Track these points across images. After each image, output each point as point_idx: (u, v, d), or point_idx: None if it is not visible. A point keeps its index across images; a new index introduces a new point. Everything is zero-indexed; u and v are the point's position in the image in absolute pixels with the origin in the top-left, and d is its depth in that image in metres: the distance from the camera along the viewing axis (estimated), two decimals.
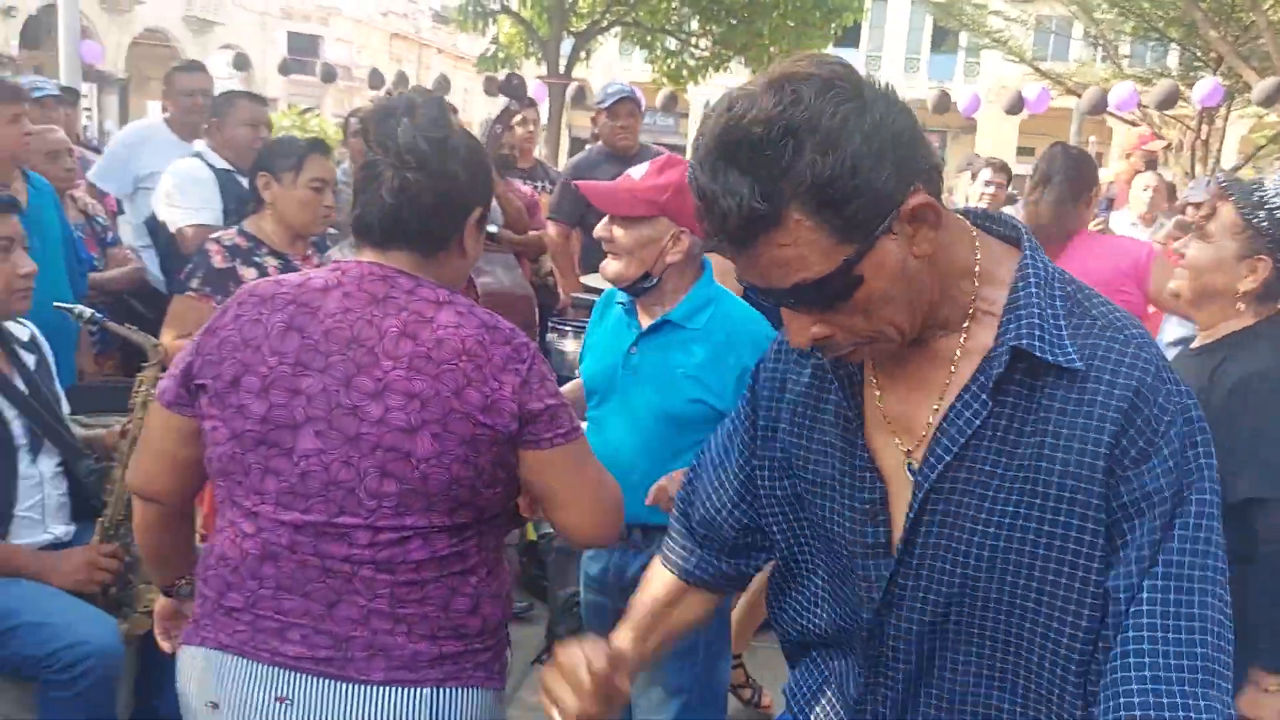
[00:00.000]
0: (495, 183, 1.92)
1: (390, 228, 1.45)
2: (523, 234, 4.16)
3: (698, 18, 16.13)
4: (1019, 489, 1.05)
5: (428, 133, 1.44)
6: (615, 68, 25.97)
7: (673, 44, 16.80)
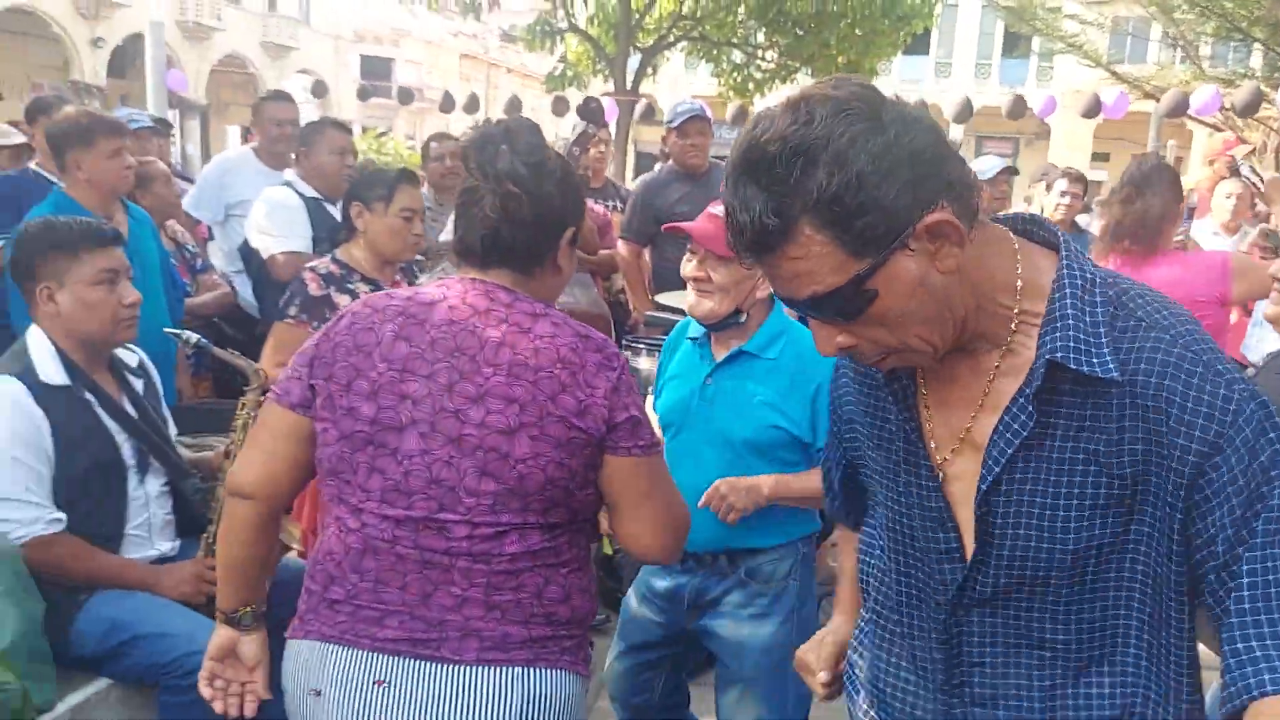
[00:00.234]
0: None
1: (490, 247, 1.55)
2: (595, 253, 4.24)
3: (764, 30, 16.07)
4: (1079, 494, 1.07)
5: (525, 157, 1.54)
6: (680, 82, 26.06)
7: (738, 57, 16.76)
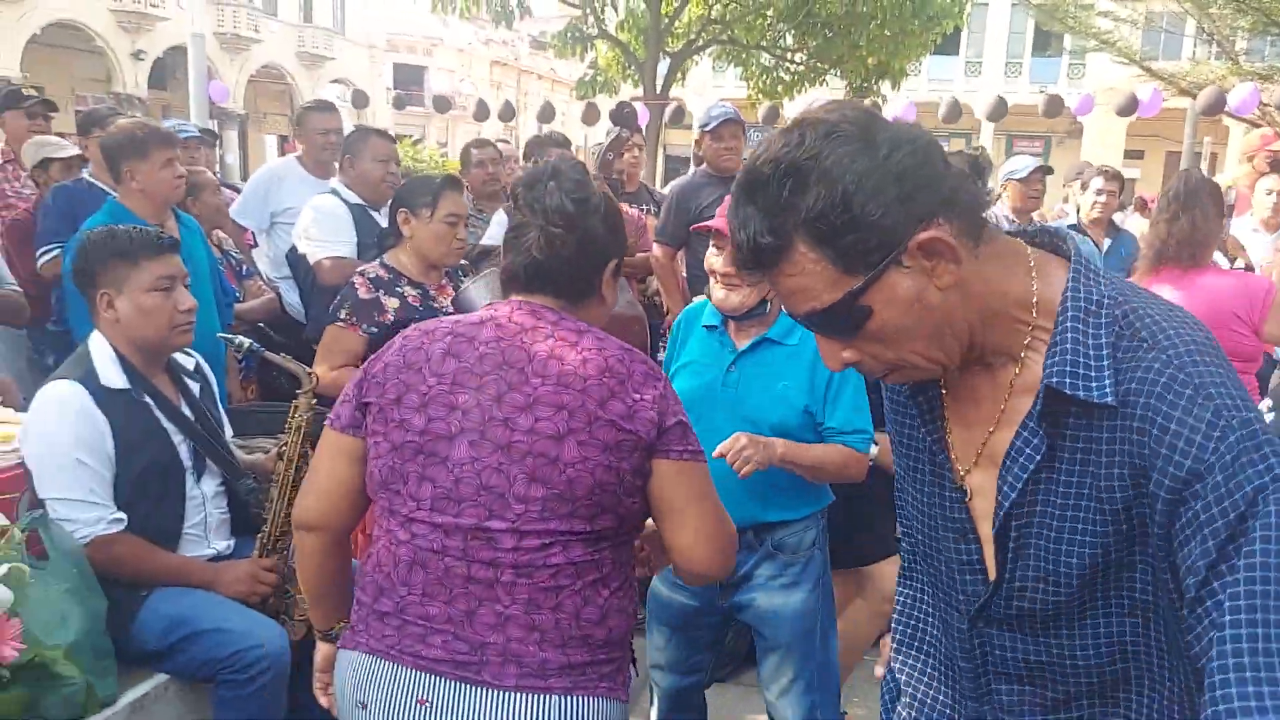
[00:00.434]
0: None
1: (533, 276, 1.62)
2: (631, 256, 4.28)
3: (793, 32, 16.06)
4: (1089, 515, 1.07)
5: (572, 194, 1.61)
6: (709, 85, 26.09)
7: (767, 60, 16.76)
